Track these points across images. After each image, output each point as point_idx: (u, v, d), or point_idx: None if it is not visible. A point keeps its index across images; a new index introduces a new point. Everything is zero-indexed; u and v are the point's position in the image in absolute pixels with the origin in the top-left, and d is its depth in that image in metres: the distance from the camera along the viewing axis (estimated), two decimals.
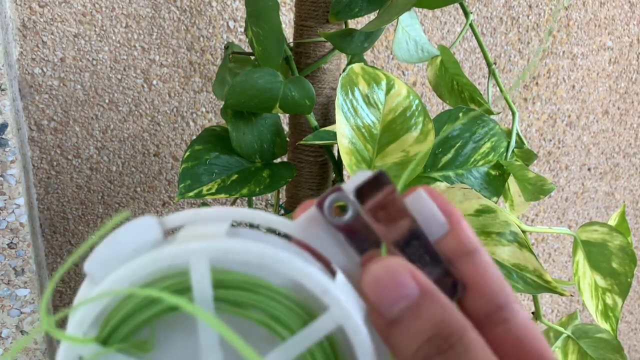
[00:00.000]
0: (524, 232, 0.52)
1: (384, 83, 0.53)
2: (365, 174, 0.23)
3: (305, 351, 0.21)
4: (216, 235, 0.21)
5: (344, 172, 0.65)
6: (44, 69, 0.73)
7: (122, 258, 0.21)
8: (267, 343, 0.21)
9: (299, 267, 0.21)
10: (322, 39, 0.58)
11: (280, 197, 0.78)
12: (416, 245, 0.23)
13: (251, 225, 0.23)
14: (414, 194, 0.23)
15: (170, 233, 0.22)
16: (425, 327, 0.21)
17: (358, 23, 0.81)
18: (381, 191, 0.23)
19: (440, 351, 0.21)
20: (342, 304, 0.21)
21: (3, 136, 0.63)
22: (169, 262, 0.20)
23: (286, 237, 0.23)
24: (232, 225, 0.23)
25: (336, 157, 0.63)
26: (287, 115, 0.77)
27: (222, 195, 0.57)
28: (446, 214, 0.23)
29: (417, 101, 0.53)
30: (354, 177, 0.23)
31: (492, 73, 0.65)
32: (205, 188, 0.57)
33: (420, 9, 0.84)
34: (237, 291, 0.21)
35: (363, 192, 0.23)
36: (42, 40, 0.72)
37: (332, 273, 0.22)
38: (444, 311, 0.21)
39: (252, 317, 0.21)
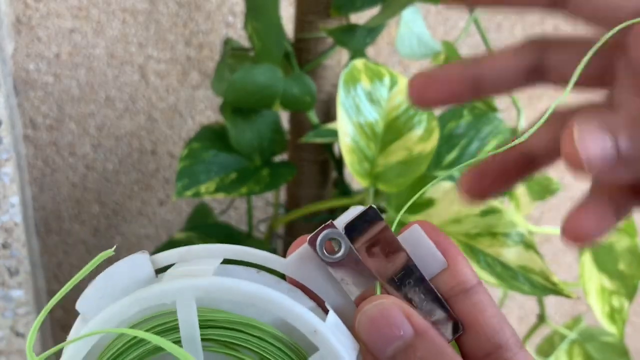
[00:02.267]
0: (530, 232, 0.51)
1: (387, 79, 0.53)
2: (356, 209, 0.23)
3: None
4: (204, 273, 0.21)
5: (346, 171, 0.64)
6: (39, 65, 0.73)
7: (114, 296, 0.21)
8: None
9: (288, 306, 0.21)
10: (324, 34, 0.58)
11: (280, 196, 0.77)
12: (412, 283, 0.22)
13: (245, 263, 0.23)
14: (409, 230, 0.23)
15: (163, 270, 0.22)
16: None
17: (359, 18, 0.80)
18: (373, 227, 0.22)
19: None
20: (332, 345, 0.20)
21: None
22: (155, 302, 0.21)
23: (280, 274, 0.23)
24: (224, 262, 0.23)
25: (337, 156, 0.63)
26: (287, 112, 0.77)
27: (221, 194, 0.56)
28: (442, 248, 0.23)
29: None
30: (346, 212, 0.23)
31: None
32: (203, 187, 0.57)
33: (423, 4, 0.84)
34: (226, 331, 0.21)
35: (355, 227, 0.22)
36: (37, 36, 0.72)
37: (326, 312, 0.22)
38: (440, 353, 0.21)
39: (241, 358, 0.21)
